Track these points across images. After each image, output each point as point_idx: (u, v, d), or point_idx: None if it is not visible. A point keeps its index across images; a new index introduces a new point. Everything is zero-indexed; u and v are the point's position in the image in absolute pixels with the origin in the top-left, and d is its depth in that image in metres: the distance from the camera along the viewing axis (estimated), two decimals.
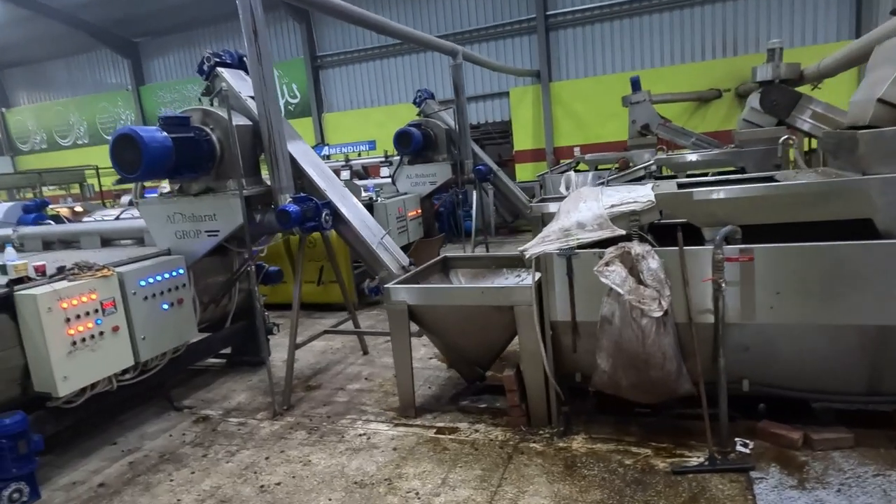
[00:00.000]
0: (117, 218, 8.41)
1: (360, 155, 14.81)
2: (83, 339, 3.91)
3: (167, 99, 18.59)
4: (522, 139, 15.42)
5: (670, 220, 3.88)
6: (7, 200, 15.02)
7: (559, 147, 15.08)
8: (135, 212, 8.45)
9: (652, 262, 3.47)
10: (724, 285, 3.30)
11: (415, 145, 8.80)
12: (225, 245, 4.99)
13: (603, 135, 14.54)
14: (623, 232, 3.69)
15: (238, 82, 5.10)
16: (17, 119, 20.91)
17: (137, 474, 4.04)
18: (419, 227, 9.02)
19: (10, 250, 4.09)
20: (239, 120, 4.78)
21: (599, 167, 12.17)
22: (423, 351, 5.92)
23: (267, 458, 4.07)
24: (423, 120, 9.35)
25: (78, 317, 3.88)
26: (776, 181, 3.83)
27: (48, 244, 5.78)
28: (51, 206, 9.59)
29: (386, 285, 4.32)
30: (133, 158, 4.27)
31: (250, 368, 5.92)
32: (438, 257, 5.26)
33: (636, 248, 3.54)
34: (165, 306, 4.55)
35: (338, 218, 4.85)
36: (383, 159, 13.67)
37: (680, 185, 4.12)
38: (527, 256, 3.90)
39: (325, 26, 16.65)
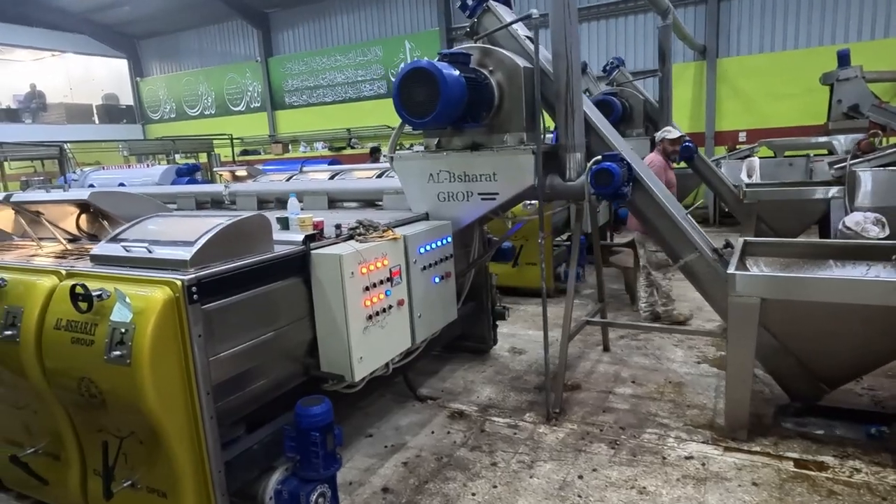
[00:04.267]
0: (287, 180, 7.95)
1: None
2: (376, 313, 3.22)
3: (294, 71, 18.43)
4: (678, 121, 13.95)
5: None
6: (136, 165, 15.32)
7: (721, 131, 13.60)
8: (316, 175, 7.94)
9: None
10: None
11: (614, 116, 7.76)
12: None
13: (772, 118, 12.94)
14: None
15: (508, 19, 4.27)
16: (149, 88, 21.53)
17: (423, 481, 3.34)
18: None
19: (293, 201, 3.45)
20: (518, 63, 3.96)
21: (787, 153, 10.74)
22: (681, 353, 4.97)
23: (580, 478, 3.26)
24: (619, 89, 8.31)
25: (374, 285, 3.19)
26: None
27: (264, 202, 5.24)
28: (216, 170, 9.35)
29: (732, 272, 3.37)
30: (425, 98, 3.52)
31: (472, 356, 5.17)
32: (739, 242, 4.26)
33: None
34: (437, 280, 3.82)
35: (636, 184, 3.94)
36: None
37: None
38: None
39: None
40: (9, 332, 2.74)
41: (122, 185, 11.06)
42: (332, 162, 14.65)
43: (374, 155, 13.77)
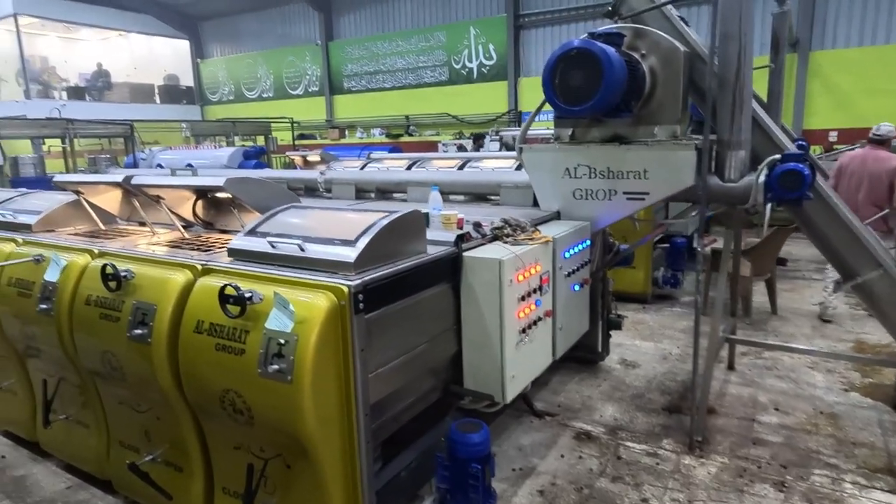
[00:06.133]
0: (362, 168, 7.62)
1: None
2: (529, 326, 2.85)
3: (355, 55, 18.18)
4: None
5: None
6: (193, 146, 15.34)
7: (809, 129, 12.71)
8: (392, 163, 7.59)
9: None
10: None
11: None
12: None
13: (869, 117, 11.92)
14: None
15: None
16: (209, 70, 21.66)
17: None
18: None
19: (435, 195, 3.10)
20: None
21: None
22: (821, 377, 4.45)
23: None
24: None
25: (529, 294, 2.82)
26: None
27: (363, 192, 4.92)
28: (290, 154, 9.15)
29: None
30: (583, 82, 3.10)
31: (581, 367, 4.76)
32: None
33: None
34: (576, 287, 3.43)
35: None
36: None
37: None
38: None
39: None
40: (139, 331, 2.47)
41: (189, 165, 11.02)
42: (392, 149, 14.34)
43: (478, 142, 13.51)
